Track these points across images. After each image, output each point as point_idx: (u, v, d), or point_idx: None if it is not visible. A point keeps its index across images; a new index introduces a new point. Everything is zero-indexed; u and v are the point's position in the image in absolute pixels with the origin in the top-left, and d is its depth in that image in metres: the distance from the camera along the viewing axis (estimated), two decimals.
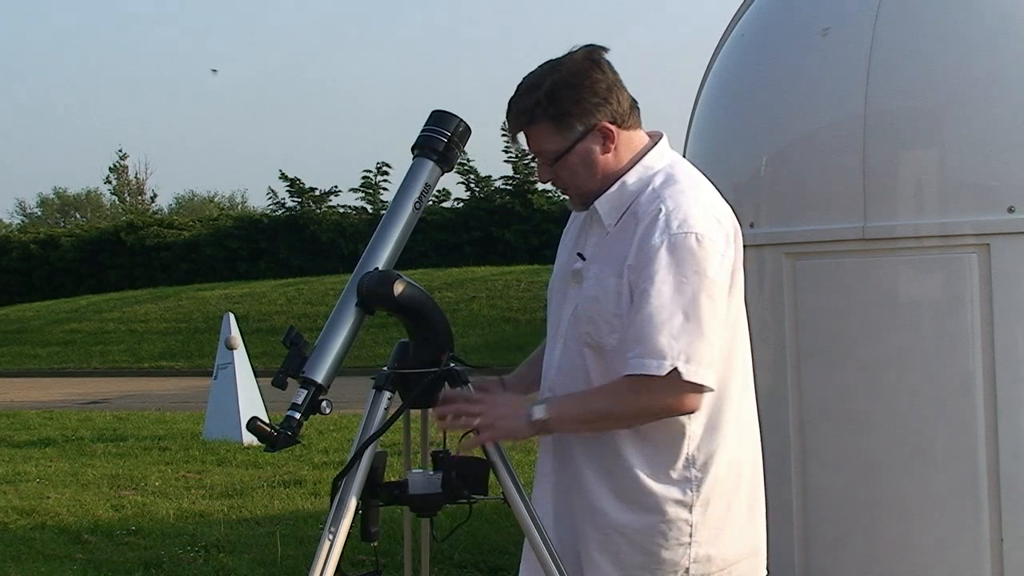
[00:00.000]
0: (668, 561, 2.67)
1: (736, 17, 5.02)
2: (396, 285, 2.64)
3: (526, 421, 2.60)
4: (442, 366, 2.69)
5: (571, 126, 2.66)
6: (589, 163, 2.69)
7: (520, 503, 2.69)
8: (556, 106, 2.64)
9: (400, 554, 3.06)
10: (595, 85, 2.66)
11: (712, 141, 4.96)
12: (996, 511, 4.14)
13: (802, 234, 4.39)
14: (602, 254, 2.70)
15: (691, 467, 2.67)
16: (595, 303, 2.66)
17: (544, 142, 2.69)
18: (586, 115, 2.65)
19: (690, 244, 2.57)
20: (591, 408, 2.63)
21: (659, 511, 2.66)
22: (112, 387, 18.80)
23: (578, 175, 2.70)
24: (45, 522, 7.43)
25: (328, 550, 2.60)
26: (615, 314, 2.62)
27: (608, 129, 2.67)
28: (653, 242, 2.57)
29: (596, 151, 2.68)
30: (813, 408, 4.39)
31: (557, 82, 2.65)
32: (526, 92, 2.68)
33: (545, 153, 2.70)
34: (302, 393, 2.62)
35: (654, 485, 2.65)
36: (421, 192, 2.78)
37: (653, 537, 2.66)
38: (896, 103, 4.28)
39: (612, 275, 2.64)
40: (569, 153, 2.67)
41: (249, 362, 11.33)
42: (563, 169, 2.70)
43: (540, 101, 2.65)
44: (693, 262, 2.56)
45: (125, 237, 33.65)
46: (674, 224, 2.58)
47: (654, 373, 2.53)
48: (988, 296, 4.12)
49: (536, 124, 2.67)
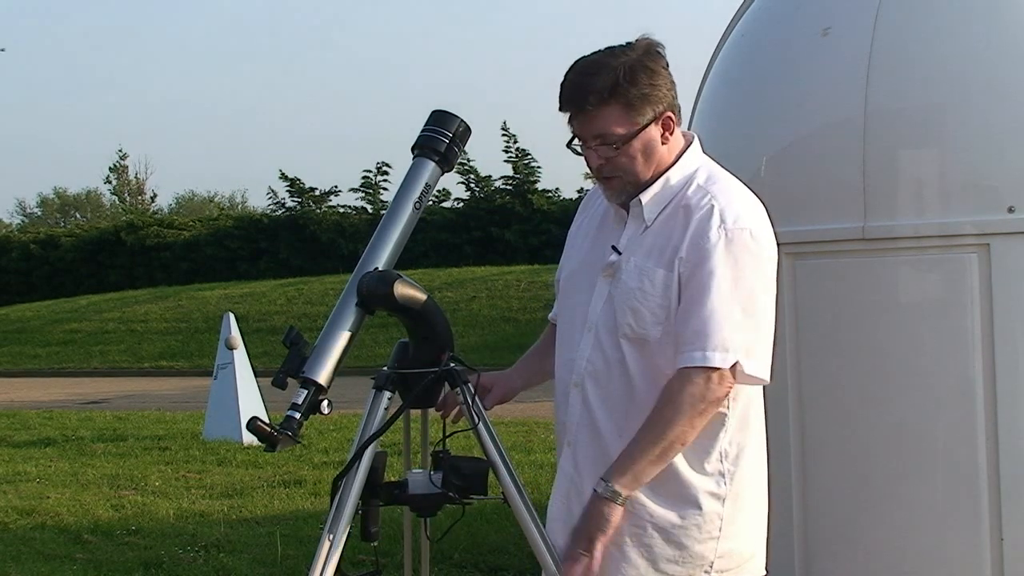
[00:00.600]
0: (698, 555, 2.68)
1: (736, 17, 5.02)
2: (396, 285, 2.64)
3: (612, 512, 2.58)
4: (442, 366, 2.69)
5: (643, 111, 2.64)
6: (649, 151, 2.67)
7: (520, 503, 2.69)
8: (636, 88, 2.62)
9: (400, 554, 3.06)
10: (666, 74, 2.68)
11: (712, 141, 4.93)
12: (996, 511, 4.14)
13: (802, 234, 4.39)
14: (641, 247, 2.68)
15: (724, 460, 2.68)
16: (639, 295, 2.64)
17: (613, 123, 2.64)
18: (657, 102, 2.65)
19: (745, 239, 2.60)
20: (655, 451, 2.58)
21: (695, 503, 2.67)
22: (112, 387, 18.80)
23: (636, 161, 2.67)
24: (45, 522, 7.43)
25: (328, 550, 2.60)
26: (661, 305, 2.62)
27: (671, 120, 2.68)
28: (710, 237, 2.58)
29: (657, 140, 2.68)
30: (813, 408, 4.39)
31: (635, 65, 2.63)
32: (597, 72, 2.62)
33: (609, 136, 2.64)
34: (302, 393, 2.62)
35: (692, 477, 2.66)
36: (421, 192, 2.78)
37: (688, 530, 2.67)
38: (896, 103, 4.28)
39: (659, 267, 2.63)
40: (636, 138, 2.64)
41: (249, 362, 11.33)
42: (624, 155, 2.66)
43: (619, 82, 2.61)
44: (749, 257, 2.59)
45: (125, 237, 33.64)
46: (729, 220, 2.60)
47: (719, 366, 2.54)
48: (988, 296, 4.12)
49: (609, 105, 2.62)
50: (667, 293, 2.62)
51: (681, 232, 2.63)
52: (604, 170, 2.70)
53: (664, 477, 2.64)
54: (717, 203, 2.62)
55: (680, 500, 2.67)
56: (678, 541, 2.68)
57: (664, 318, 2.62)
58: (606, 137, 2.65)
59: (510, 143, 31.00)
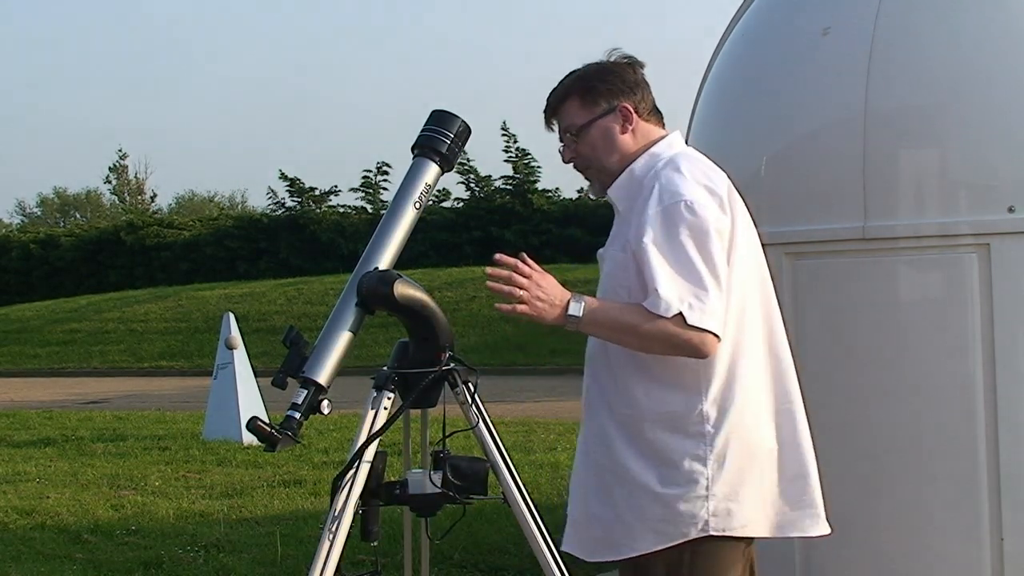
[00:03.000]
0: (686, 513, 2.79)
1: (736, 17, 5.02)
2: (396, 285, 2.64)
3: (561, 311, 2.72)
4: (442, 366, 2.69)
5: (596, 102, 2.92)
6: (608, 139, 2.92)
7: (520, 503, 2.69)
8: (585, 83, 2.93)
9: (400, 554, 3.06)
10: (624, 74, 2.97)
11: (712, 141, 4.96)
12: (996, 511, 4.14)
13: (802, 234, 4.39)
14: (615, 237, 2.93)
15: (705, 423, 2.80)
16: (611, 279, 2.87)
17: (572, 117, 2.93)
18: (611, 95, 2.93)
19: (680, 210, 2.77)
20: (622, 319, 2.75)
21: (674, 464, 2.79)
22: (112, 387, 18.79)
23: (597, 149, 2.92)
24: (45, 522, 7.43)
25: (328, 550, 2.60)
26: (623, 285, 2.82)
27: (628, 110, 2.92)
28: (649, 212, 2.78)
29: (616, 129, 2.92)
30: (813, 408, 4.38)
31: (591, 66, 2.98)
32: (563, 79, 2.98)
33: (570, 128, 2.93)
34: (302, 393, 2.62)
35: (671, 440, 2.80)
36: (421, 192, 2.79)
37: (669, 488, 2.78)
38: (896, 102, 4.28)
39: (619, 250, 2.85)
40: (591, 126, 2.91)
41: (249, 362, 11.32)
42: (584, 144, 2.93)
43: (574, 80, 2.95)
44: (683, 224, 2.76)
45: (125, 237, 33.64)
46: (666, 196, 2.79)
47: (662, 314, 2.70)
48: (988, 296, 4.12)
49: (566, 101, 2.94)
50: (627, 273, 2.81)
51: (635, 211, 2.84)
52: (576, 163, 2.97)
53: (646, 440, 2.80)
54: (659, 182, 2.82)
55: (661, 463, 2.80)
56: (664, 501, 2.79)
57: (626, 297, 2.81)
58: (568, 131, 2.95)
59: (510, 143, 31.03)
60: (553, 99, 2.97)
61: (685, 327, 2.70)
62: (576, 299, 2.72)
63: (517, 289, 2.65)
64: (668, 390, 2.82)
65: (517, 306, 2.65)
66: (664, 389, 2.81)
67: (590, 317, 2.73)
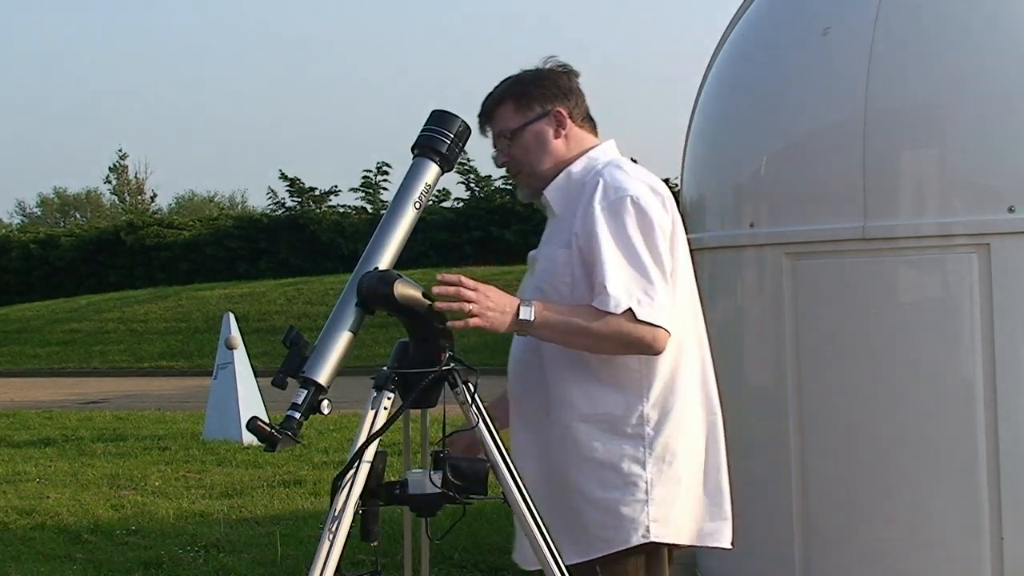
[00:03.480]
0: (628, 518, 2.80)
1: (736, 17, 5.02)
2: (396, 285, 2.64)
3: (512, 317, 2.73)
4: (442, 366, 2.69)
5: (530, 106, 2.95)
6: (541, 142, 2.95)
7: (520, 503, 2.69)
8: (520, 87, 2.97)
9: (400, 554, 3.06)
10: (558, 80, 3.00)
11: (712, 141, 4.96)
12: (996, 511, 4.14)
13: (802, 234, 4.39)
14: (552, 236, 2.93)
15: (645, 425, 2.82)
16: (547, 276, 2.87)
17: (506, 121, 2.96)
18: (545, 100, 2.96)
19: (626, 204, 2.80)
20: (573, 321, 2.75)
21: (615, 467, 2.81)
22: (112, 387, 18.78)
23: (529, 152, 2.95)
24: (45, 522, 7.42)
25: (328, 550, 2.60)
26: (564, 282, 2.84)
27: (561, 115, 2.95)
28: (595, 207, 2.80)
29: (549, 133, 2.95)
30: (813, 408, 4.39)
31: (527, 72, 3.02)
32: (498, 85, 3.02)
33: (504, 132, 2.97)
34: (302, 393, 2.61)
35: (609, 441, 2.81)
36: (421, 192, 2.79)
37: (610, 492, 2.80)
38: (896, 103, 4.28)
39: (560, 247, 2.85)
40: (525, 130, 2.95)
41: (249, 362, 11.32)
42: (517, 147, 2.96)
43: (509, 85, 2.99)
44: (629, 219, 2.79)
45: (125, 237, 33.62)
46: (611, 192, 2.82)
47: (611, 311, 2.72)
48: (988, 296, 4.12)
49: (501, 105, 2.97)
50: (570, 269, 2.83)
51: (576, 211, 2.85)
52: (509, 167, 3.00)
53: (586, 445, 2.81)
54: (603, 179, 2.84)
55: (600, 466, 2.81)
56: (605, 506, 2.81)
57: (568, 293, 2.82)
58: (502, 135, 2.98)
59: None
60: (488, 104, 3.00)
61: (636, 323, 2.72)
62: (526, 304, 2.73)
63: (467, 304, 2.66)
64: (608, 391, 2.82)
65: (469, 320, 2.66)
66: (604, 390, 2.83)
67: (541, 320, 2.73)
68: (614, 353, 2.79)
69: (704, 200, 4.98)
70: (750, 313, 4.69)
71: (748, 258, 4.66)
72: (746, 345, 4.69)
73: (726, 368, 4.83)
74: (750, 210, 4.65)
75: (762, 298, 4.61)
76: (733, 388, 4.76)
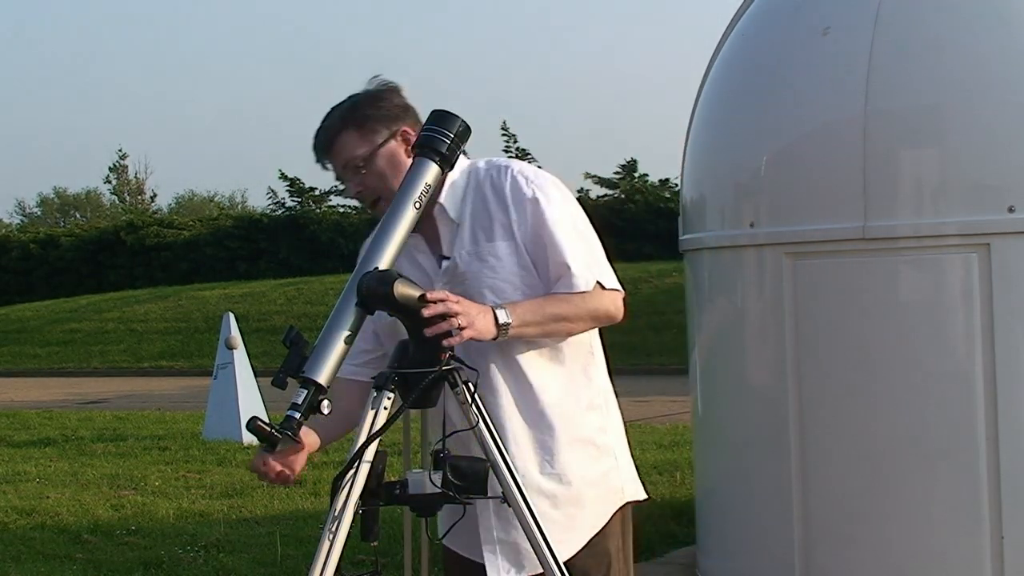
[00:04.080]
0: (614, 486, 2.93)
1: (736, 17, 5.02)
2: (396, 285, 2.64)
3: (494, 323, 2.72)
4: (442, 366, 2.69)
5: (375, 130, 2.87)
6: (395, 165, 2.87)
7: (520, 503, 2.69)
8: (360, 112, 2.88)
9: (400, 554, 3.06)
10: (393, 98, 2.93)
11: (712, 141, 4.97)
12: (996, 511, 4.14)
13: (802, 234, 4.40)
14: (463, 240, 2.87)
15: (598, 397, 2.93)
16: (490, 272, 2.84)
17: (352, 149, 2.87)
18: (388, 121, 2.88)
19: (548, 180, 2.88)
20: (547, 312, 2.78)
21: (591, 442, 2.89)
22: (112, 387, 18.78)
23: (386, 177, 2.87)
24: (45, 522, 7.42)
25: (328, 550, 2.60)
26: (516, 273, 2.83)
27: (408, 133, 2.88)
28: (526, 194, 2.82)
29: (400, 153, 2.88)
30: (813, 408, 4.39)
31: (357, 96, 2.92)
32: (329, 117, 2.91)
33: (353, 160, 2.87)
34: (302, 393, 2.61)
35: (582, 419, 2.88)
36: (421, 192, 2.79)
37: (595, 466, 2.89)
38: (896, 102, 4.28)
39: (498, 240, 2.84)
40: (376, 156, 2.86)
41: (249, 362, 11.32)
42: (371, 174, 2.87)
43: (344, 113, 2.89)
44: (559, 192, 2.86)
45: (125, 237, 33.61)
46: (529, 174, 2.86)
47: (584, 290, 2.78)
48: (988, 296, 4.12)
49: (342, 135, 2.87)
50: (518, 260, 2.83)
51: (499, 205, 2.84)
52: (364, 195, 2.91)
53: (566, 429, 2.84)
54: (511, 168, 2.87)
55: (582, 444, 2.87)
56: (594, 480, 2.88)
57: (521, 282, 2.82)
58: (352, 162, 2.88)
59: (510, 143, 31.01)
60: (325, 137, 2.90)
61: (601, 295, 2.80)
62: (498, 307, 2.73)
63: (454, 320, 2.65)
64: (565, 373, 2.88)
65: (462, 333, 2.65)
66: (562, 372, 2.88)
67: (519, 319, 2.74)
68: (585, 331, 2.85)
69: (704, 200, 4.98)
70: (750, 313, 4.70)
71: (748, 258, 4.66)
72: (746, 345, 4.69)
73: (726, 368, 4.86)
74: (750, 210, 4.65)
75: (762, 298, 4.61)
76: (733, 388, 4.79)
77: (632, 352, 17.88)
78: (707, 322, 4.91)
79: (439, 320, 2.63)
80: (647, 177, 28.70)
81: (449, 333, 2.64)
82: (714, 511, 4.97)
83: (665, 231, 23.55)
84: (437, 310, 2.64)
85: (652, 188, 28.11)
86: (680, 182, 5.27)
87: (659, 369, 16.58)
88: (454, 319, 2.64)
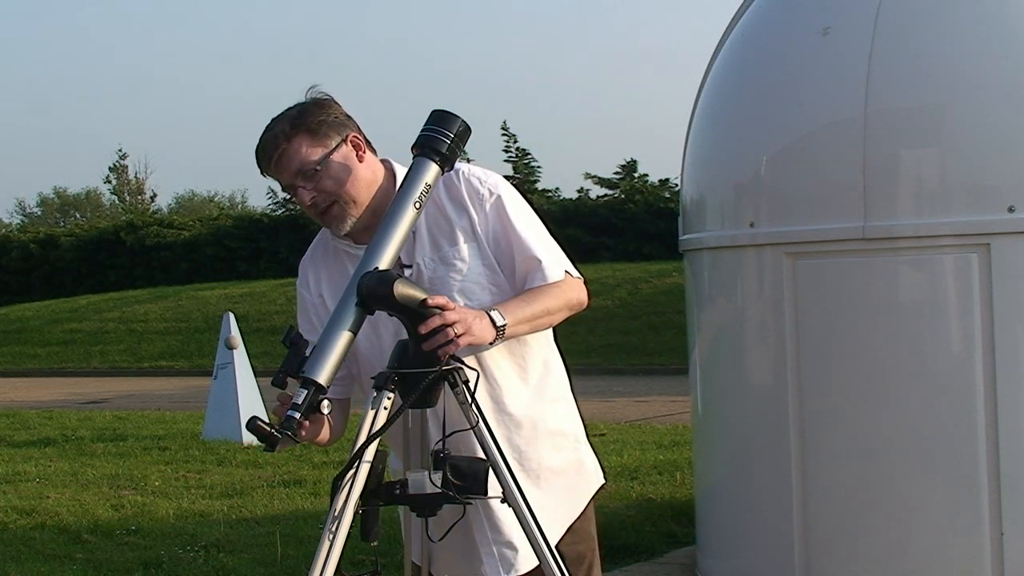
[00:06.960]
0: (591, 471, 3.07)
1: (736, 17, 5.02)
2: (396, 285, 2.64)
3: (492, 326, 2.75)
4: (442, 366, 2.69)
5: (328, 135, 2.87)
6: (349, 169, 2.88)
7: (520, 503, 2.69)
8: (310, 119, 2.87)
9: (400, 554, 3.06)
10: (336, 107, 2.94)
11: (712, 141, 4.97)
12: (996, 510, 4.14)
13: (802, 234, 4.40)
14: (423, 246, 2.90)
15: (559, 388, 3.01)
16: (457, 276, 2.88)
17: (306, 155, 2.85)
18: (338, 127, 2.89)
19: (503, 184, 2.97)
20: (536, 308, 2.84)
21: (561, 432, 3.00)
22: (112, 387, 18.78)
23: (343, 182, 2.87)
24: (45, 522, 7.42)
25: (328, 550, 2.60)
26: (483, 274, 2.88)
27: (358, 139, 2.91)
28: (483, 195, 2.90)
29: (353, 158, 2.89)
30: (813, 408, 4.39)
31: (303, 105, 2.91)
32: (273, 128, 2.90)
33: (308, 165, 2.84)
34: (302, 393, 2.61)
35: (551, 411, 2.97)
36: (421, 192, 2.79)
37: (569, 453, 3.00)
38: (896, 103, 4.28)
39: (461, 243, 2.88)
40: (330, 161, 2.85)
41: (249, 362, 11.32)
42: (328, 177, 2.85)
43: (293, 120, 2.87)
44: (515, 195, 2.97)
45: (125, 237, 33.60)
46: (480, 174, 2.94)
47: (558, 279, 2.87)
48: (988, 296, 4.12)
49: (293, 141, 2.85)
50: (482, 260, 2.88)
51: (456, 208, 2.90)
52: (318, 201, 2.87)
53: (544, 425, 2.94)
54: (462, 172, 2.92)
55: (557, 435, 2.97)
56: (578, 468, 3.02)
57: (488, 281, 2.88)
58: (305, 168, 2.85)
59: (510, 143, 30.99)
60: (274, 146, 2.87)
61: (572, 283, 2.89)
62: (491, 311, 2.75)
63: (451, 330, 2.65)
64: (533, 369, 2.95)
65: (460, 340, 2.66)
66: (530, 369, 2.94)
67: (513, 319, 2.78)
68: (562, 320, 2.92)
69: (704, 200, 4.98)
70: (750, 313, 4.70)
71: (748, 258, 4.66)
72: (746, 345, 4.69)
73: (726, 368, 4.86)
74: (750, 210, 4.65)
75: (762, 298, 4.61)
76: (733, 388, 4.79)
77: (632, 352, 17.89)
78: (707, 322, 4.91)
79: (435, 334, 2.64)
80: (647, 177, 28.69)
81: (448, 341, 2.65)
82: (714, 511, 4.97)
83: (665, 231, 23.57)
84: (432, 325, 2.65)
85: (652, 188, 28.09)
86: (680, 182, 5.27)
87: (659, 369, 16.58)
88: (451, 328, 2.65)
